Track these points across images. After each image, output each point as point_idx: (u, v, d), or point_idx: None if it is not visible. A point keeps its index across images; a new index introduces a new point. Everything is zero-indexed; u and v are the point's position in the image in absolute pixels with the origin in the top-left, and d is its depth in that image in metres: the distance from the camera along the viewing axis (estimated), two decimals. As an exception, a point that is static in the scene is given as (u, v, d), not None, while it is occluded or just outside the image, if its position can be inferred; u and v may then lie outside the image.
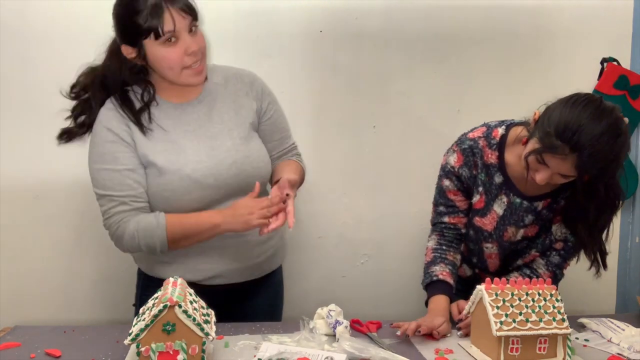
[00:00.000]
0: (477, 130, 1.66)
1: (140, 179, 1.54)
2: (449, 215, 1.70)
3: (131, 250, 1.59)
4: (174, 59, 1.48)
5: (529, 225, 1.66)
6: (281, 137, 1.74)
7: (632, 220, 2.54)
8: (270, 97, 1.71)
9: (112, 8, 1.53)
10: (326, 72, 2.30)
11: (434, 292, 1.64)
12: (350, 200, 2.36)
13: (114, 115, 1.55)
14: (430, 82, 2.34)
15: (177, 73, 1.51)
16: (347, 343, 1.37)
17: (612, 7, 2.41)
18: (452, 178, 1.66)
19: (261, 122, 1.69)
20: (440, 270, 1.65)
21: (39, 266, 2.20)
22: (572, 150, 1.38)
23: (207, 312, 1.32)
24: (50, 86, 2.13)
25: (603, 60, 2.41)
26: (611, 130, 1.39)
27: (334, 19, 2.26)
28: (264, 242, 1.68)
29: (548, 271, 1.67)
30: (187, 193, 1.54)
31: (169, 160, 1.54)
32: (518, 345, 1.37)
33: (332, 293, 2.30)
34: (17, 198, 2.16)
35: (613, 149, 1.40)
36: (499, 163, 1.62)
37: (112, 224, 1.54)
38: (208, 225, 1.53)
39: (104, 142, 1.55)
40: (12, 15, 2.09)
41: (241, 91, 1.66)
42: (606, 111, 1.41)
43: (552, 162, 1.43)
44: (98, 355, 1.36)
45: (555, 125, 1.40)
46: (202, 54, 1.53)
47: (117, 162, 1.53)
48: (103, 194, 1.55)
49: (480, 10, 2.33)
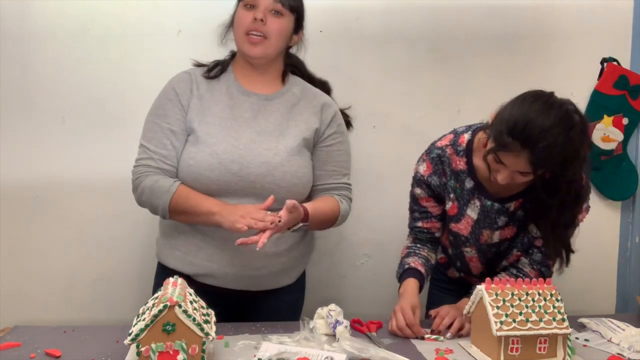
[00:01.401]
0: (445, 138, 1.68)
1: (177, 143, 1.61)
2: (422, 221, 1.74)
3: (139, 202, 1.65)
4: (243, 20, 1.60)
5: (504, 226, 1.66)
6: (333, 171, 1.72)
7: (632, 220, 2.54)
8: (338, 128, 1.73)
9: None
10: (326, 72, 2.29)
11: (404, 277, 1.67)
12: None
13: (186, 78, 1.66)
14: (430, 82, 2.34)
15: (240, 36, 1.61)
16: (347, 343, 1.37)
17: (612, 7, 2.41)
18: (422, 186, 1.69)
19: (318, 145, 1.70)
20: (412, 260, 1.70)
21: (39, 266, 2.19)
22: (523, 146, 1.38)
23: (207, 312, 1.32)
24: (50, 86, 2.15)
25: (603, 60, 2.42)
26: (561, 122, 1.38)
27: (334, 19, 2.26)
28: (271, 257, 1.64)
29: (533, 269, 1.67)
30: (210, 170, 1.56)
31: (208, 133, 1.59)
32: (518, 345, 1.37)
33: (332, 293, 2.30)
34: (17, 198, 2.16)
35: (567, 142, 1.39)
36: (468, 169, 1.63)
37: (136, 172, 1.63)
38: (206, 209, 1.55)
39: (164, 98, 1.65)
40: (12, 15, 2.09)
41: (311, 109, 1.70)
42: (555, 105, 1.41)
43: (508, 160, 1.43)
44: (98, 355, 1.36)
45: (506, 123, 1.41)
46: (267, 34, 1.59)
47: (165, 119, 1.62)
48: (143, 143, 1.64)
49: (481, 10, 2.33)
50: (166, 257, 1.68)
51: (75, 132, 2.16)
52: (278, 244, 1.64)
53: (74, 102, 2.15)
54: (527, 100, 1.42)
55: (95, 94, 2.13)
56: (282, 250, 1.66)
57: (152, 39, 2.14)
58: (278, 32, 1.61)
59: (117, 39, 2.15)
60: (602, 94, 2.41)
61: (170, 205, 1.57)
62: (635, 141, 2.50)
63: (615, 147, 2.45)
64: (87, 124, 2.15)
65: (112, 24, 2.14)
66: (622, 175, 2.49)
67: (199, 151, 1.58)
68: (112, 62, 2.14)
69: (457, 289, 1.82)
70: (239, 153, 1.58)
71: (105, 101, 2.15)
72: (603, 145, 2.44)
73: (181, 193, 1.57)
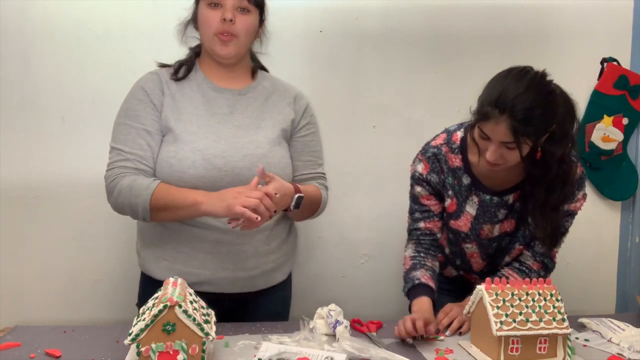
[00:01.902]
0: (439, 137, 1.70)
1: (153, 143, 1.58)
2: (424, 221, 1.72)
3: (115, 205, 1.56)
4: (210, 21, 1.57)
5: (504, 220, 1.67)
6: (309, 160, 1.72)
7: (632, 220, 2.54)
8: (311, 119, 1.74)
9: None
10: (326, 72, 2.30)
11: (416, 295, 1.63)
12: (350, 200, 2.36)
13: (154, 78, 1.64)
14: (430, 82, 2.34)
15: (209, 37, 1.59)
16: (347, 343, 1.37)
17: (612, 7, 2.41)
18: (422, 184, 1.69)
19: (294, 136, 1.71)
20: (421, 274, 1.66)
21: (39, 266, 2.19)
22: (501, 112, 1.41)
23: (207, 312, 1.32)
24: (50, 86, 2.15)
25: (603, 60, 2.42)
26: (536, 87, 1.43)
27: (334, 19, 2.27)
28: (263, 255, 1.64)
29: (536, 262, 1.68)
30: (193, 167, 1.54)
31: (187, 131, 1.57)
32: (518, 345, 1.37)
33: (332, 293, 2.30)
34: (17, 198, 2.16)
35: (543, 105, 1.42)
36: (464, 165, 1.64)
37: (110, 176, 1.56)
38: (190, 201, 1.48)
39: (133, 99, 1.61)
40: (12, 15, 2.09)
41: (284, 100, 1.70)
42: (529, 73, 1.46)
43: (490, 131, 1.46)
44: (98, 355, 1.36)
45: (484, 95, 1.47)
46: (237, 32, 1.58)
47: (138, 120, 1.58)
48: (114, 146, 1.59)
49: (480, 10, 2.33)
50: (152, 268, 1.63)
51: (75, 132, 2.16)
52: (268, 241, 1.65)
53: (74, 102, 2.15)
54: (503, 73, 1.49)
55: (95, 94, 2.13)
56: (273, 247, 1.66)
57: (152, 39, 2.14)
58: (247, 29, 1.60)
59: (117, 39, 2.15)
60: (602, 94, 2.41)
61: (152, 201, 1.50)
62: (635, 141, 2.50)
63: (615, 147, 2.45)
64: (87, 124, 2.14)
65: (112, 24, 2.14)
66: (622, 175, 2.49)
67: (179, 149, 1.55)
68: (112, 62, 2.14)
69: (453, 289, 1.82)
70: (221, 148, 1.56)
71: (105, 101, 2.14)
72: (603, 145, 2.44)
73: (162, 188, 1.51)
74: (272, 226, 1.65)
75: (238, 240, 1.59)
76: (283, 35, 2.23)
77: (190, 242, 1.60)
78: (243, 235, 1.57)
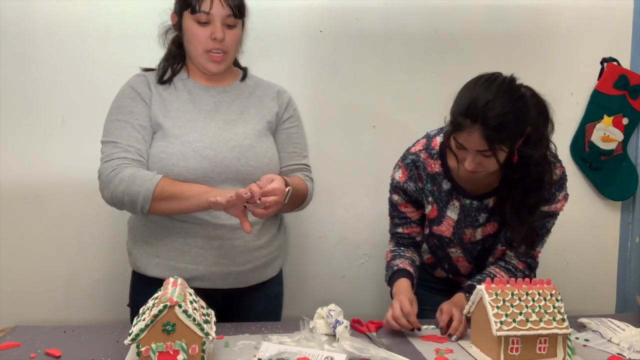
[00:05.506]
0: (419, 143, 1.70)
1: (147, 137, 1.60)
2: (402, 227, 1.75)
3: (114, 195, 1.53)
4: (200, 39, 1.59)
5: (486, 223, 1.67)
6: (294, 152, 1.74)
7: (632, 220, 2.54)
8: (294, 113, 1.77)
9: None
10: (326, 72, 2.30)
11: (396, 279, 1.67)
12: (350, 200, 2.36)
13: (141, 79, 1.66)
14: (430, 82, 2.34)
15: (199, 54, 1.61)
16: (347, 343, 1.37)
17: (612, 7, 2.41)
18: (399, 192, 1.71)
19: (278, 128, 1.73)
20: (399, 262, 1.70)
21: (39, 266, 2.19)
22: (472, 121, 1.41)
23: (207, 312, 1.32)
24: (51, 86, 2.15)
25: (603, 60, 2.42)
26: (505, 94, 1.41)
27: (334, 19, 2.27)
28: (255, 250, 1.66)
29: (520, 261, 1.68)
30: (184, 159, 1.56)
31: (176, 126, 1.60)
32: (518, 345, 1.37)
33: (332, 293, 2.30)
34: (17, 198, 2.16)
35: (513, 111, 1.40)
36: (443, 170, 1.64)
37: (108, 167, 1.54)
38: (197, 191, 1.51)
39: (124, 98, 1.63)
40: (12, 15, 2.09)
41: (268, 95, 1.74)
42: (498, 79, 1.45)
43: (465, 141, 1.45)
44: (98, 355, 1.36)
45: (456, 106, 1.46)
46: (227, 49, 1.62)
47: (132, 115, 1.60)
48: (109, 140, 1.58)
49: (480, 10, 2.33)
50: (145, 266, 1.64)
51: (75, 132, 2.16)
52: (260, 236, 1.66)
53: (73, 102, 2.15)
54: (471, 82, 1.48)
55: (95, 94, 2.13)
56: (265, 242, 1.67)
57: (152, 39, 2.13)
58: (236, 43, 1.65)
59: (117, 39, 2.15)
60: (602, 94, 2.41)
61: (156, 191, 1.50)
62: (635, 141, 2.50)
63: (615, 147, 2.45)
64: (87, 124, 2.14)
65: (112, 23, 2.15)
66: (622, 175, 2.49)
67: (169, 144, 1.58)
68: (112, 62, 2.14)
69: (444, 288, 1.82)
70: (210, 140, 1.59)
71: (105, 101, 2.14)
72: (603, 145, 2.44)
73: (167, 179, 1.53)
74: (262, 221, 1.66)
75: (229, 235, 1.61)
76: (283, 35, 2.24)
77: (182, 237, 1.61)
78: (234, 230, 1.59)
